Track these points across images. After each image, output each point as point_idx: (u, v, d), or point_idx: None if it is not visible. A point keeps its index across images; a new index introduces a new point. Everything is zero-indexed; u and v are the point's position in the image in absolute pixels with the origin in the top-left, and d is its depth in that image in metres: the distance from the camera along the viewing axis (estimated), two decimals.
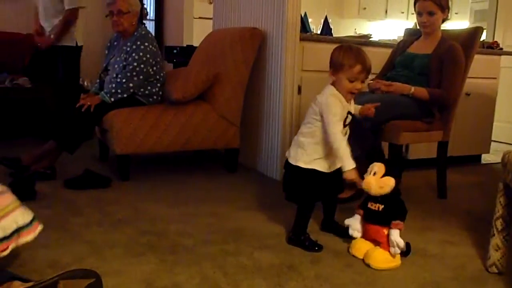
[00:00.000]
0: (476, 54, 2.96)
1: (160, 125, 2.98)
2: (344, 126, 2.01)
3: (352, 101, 2.08)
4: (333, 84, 2.01)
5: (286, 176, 2.11)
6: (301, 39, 3.08)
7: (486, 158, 4.13)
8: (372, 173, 1.92)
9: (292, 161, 2.04)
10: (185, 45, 4.72)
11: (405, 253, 1.93)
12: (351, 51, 1.96)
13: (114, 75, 3.07)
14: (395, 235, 1.85)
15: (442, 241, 2.19)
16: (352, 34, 5.30)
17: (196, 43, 4.31)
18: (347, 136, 2.05)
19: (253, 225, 2.26)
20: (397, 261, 1.89)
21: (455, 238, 2.23)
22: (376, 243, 1.92)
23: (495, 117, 4.13)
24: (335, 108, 1.96)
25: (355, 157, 2.43)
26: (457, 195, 2.99)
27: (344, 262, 1.90)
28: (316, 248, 2.00)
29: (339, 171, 2.03)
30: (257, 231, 2.18)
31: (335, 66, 1.98)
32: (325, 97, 1.99)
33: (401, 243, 1.85)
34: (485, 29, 5.16)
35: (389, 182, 1.90)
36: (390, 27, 7.28)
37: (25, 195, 2.44)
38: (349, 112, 2.03)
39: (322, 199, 2.18)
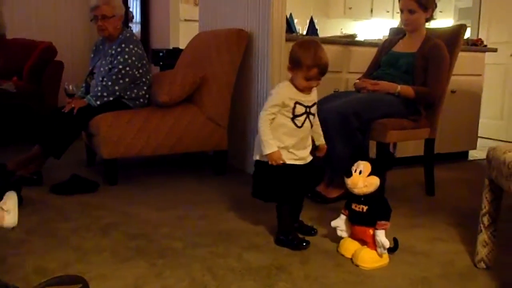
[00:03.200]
0: (461, 52, 2.99)
1: (147, 129, 2.96)
2: (294, 117, 2.00)
3: (314, 91, 2.06)
4: (291, 78, 2.02)
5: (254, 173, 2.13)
6: (287, 40, 3.08)
7: (473, 155, 4.16)
8: (358, 171, 1.92)
9: (254, 157, 2.08)
10: (171, 48, 4.70)
11: (392, 249, 1.94)
12: (309, 51, 1.94)
13: (100, 79, 3.05)
14: (381, 235, 1.85)
15: (431, 238, 2.20)
16: (338, 34, 5.31)
17: (182, 45, 4.29)
18: (304, 128, 2.03)
19: (242, 227, 2.25)
20: (385, 259, 1.89)
21: (443, 234, 2.24)
22: (364, 242, 1.92)
23: (481, 114, 4.17)
24: (274, 97, 1.99)
25: (343, 157, 2.45)
26: (445, 191, 3.01)
27: (334, 262, 1.90)
28: (304, 244, 2.01)
29: (307, 166, 2.05)
30: (246, 233, 2.18)
31: (293, 63, 1.97)
32: (276, 86, 2.05)
33: (387, 243, 1.85)
34: (469, 26, 5.21)
35: (374, 181, 1.90)
36: (376, 26, 7.31)
37: None
38: (300, 104, 2.00)
39: (289, 193, 2.07)
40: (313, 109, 2.06)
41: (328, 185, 2.72)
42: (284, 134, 2.00)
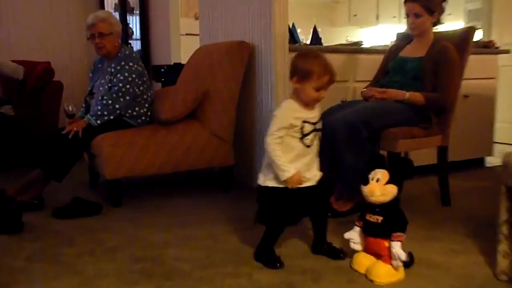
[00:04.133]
0: (472, 55, 2.99)
1: (150, 147, 2.98)
2: (303, 136, 1.98)
3: (317, 107, 2.05)
4: (294, 93, 2.00)
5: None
6: (291, 50, 3.10)
7: (489, 161, 4.14)
8: (375, 179, 1.91)
9: (261, 182, 2.05)
10: (172, 63, 4.74)
11: (408, 264, 1.93)
12: (317, 59, 1.94)
13: (100, 98, 3.08)
14: (397, 247, 1.84)
15: (448, 250, 2.19)
16: (343, 42, 5.33)
17: (184, 60, 4.32)
18: (313, 147, 2.03)
19: (251, 245, 2.24)
20: (401, 274, 1.88)
21: (461, 246, 2.23)
22: (378, 256, 1.91)
23: (497, 118, 4.15)
24: (279, 119, 1.96)
25: (353, 168, 2.45)
26: (461, 201, 2.99)
27: (347, 278, 1.90)
28: (278, 264, 1.99)
29: (314, 188, 2.03)
30: None
31: (302, 74, 1.94)
32: (276, 109, 2.02)
33: (403, 255, 1.84)
34: (480, 28, 5.21)
35: (392, 190, 1.90)
36: (383, 32, 7.33)
37: (11, 228, 2.46)
38: (308, 122, 1.99)
39: (290, 220, 2.06)
40: (319, 125, 2.05)
41: (338, 198, 2.71)
42: (295, 157, 1.97)
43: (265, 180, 2.01)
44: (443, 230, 2.46)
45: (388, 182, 1.91)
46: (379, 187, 1.89)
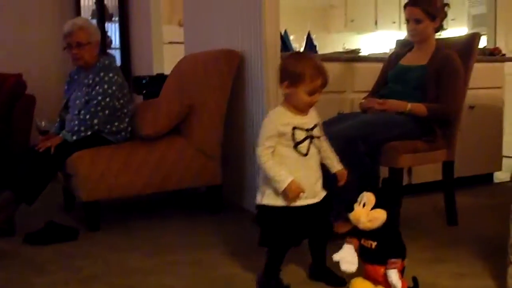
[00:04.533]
0: (477, 63, 3.03)
1: (131, 165, 2.98)
2: (296, 144, 1.97)
3: (313, 111, 2.05)
4: (285, 98, 2.00)
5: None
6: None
7: (498, 177, 4.16)
8: (361, 204, 1.92)
9: (260, 201, 2.04)
10: (155, 74, 4.75)
11: None
12: (309, 61, 1.96)
13: (76, 112, 3.08)
14: (393, 275, 1.82)
15: (455, 273, 2.19)
16: (340, 49, 5.38)
17: (167, 71, 4.33)
18: (312, 157, 2.02)
19: (241, 273, 2.23)
20: None
21: (469, 269, 2.24)
22: (376, 282, 1.91)
23: (505, 130, 4.18)
24: (266, 128, 1.97)
25: (351, 186, 2.45)
26: (469, 220, 3.01)
27: None
28: None
29: (317, 206, 2.03)
30: (245, 279, 2.16)
31: (293, 78, 1.94)
32: (264, 119, 2.02)
33: (399, 284, 1.81)
34: (485, 34, 5.28)
35: (379, 215, 1.88)
36: (382, 39, 7.41)
37: None
38: (299, 128, 1.98)
39: (292, 241, 2.05)
40: (316, 132, 2.04)
41: (336, 219, 2.71)
42: (289, 168, 1.96)
43: (263, 198, 2.00)
44: (449, 252, 2.47)
45: (375, 207, 1.90)
46: (365, 213, 1.89)
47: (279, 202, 1.97)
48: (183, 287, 2.09)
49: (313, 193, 2.03)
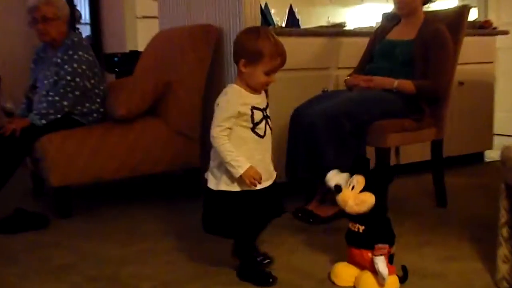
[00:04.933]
0: (467, 37, 3.05)
1: (104, 148, 2.96)
2: (255, 125, 1.95)
3: (263, 93, 2.03)
4: (239, 77, 1.97)
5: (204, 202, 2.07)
6: None
7: (489, 155, 4.22)
8: (350, 186, 1.94)
9: (208, 184, 2.02)
10: (128, 51, 4.71)
11: (402, 279, 1.94)
12: (268, 39, 1.91)
13: (44, 93, 3.04)
14: (379, 262, 1.85)
15: (444, 257, 2.23)
16: (324, 23, 5.35)
17: (141, 47, 4.30)
18: (267, 138, 2.00)
19: (221, 260, 2.24)
20: (395, 283, 1.90)
21: (458, 252, 2.28)
22: (362, 267, 1.93)
23: (496, 107, 4.23)
24: (225, 108, 1.92)
25: (336, 167, 2.47)
26: (459, 201, 3.05)
27: None
28: (271, 280, 1.99)
29: (272, 187, 2.02)
30: (225, 267, 2.16)
31: (251, 56, 1.90)
32: (219, 96, 1.98)
33: (385, 271, 1.84)
34: (475, 7, 5.30)
35: (368, 199, 1.91)
36: (368, 12, 7.39)
37: None
38: (257, 108, 1.97)
39: (254, 226, 2.06)
40: (268, 112, 2.03)
41: (321, 202, 2.74)
42: (248, 151, 1.94)
43: (219, 183, 1.97)
44: (438, 234, 2.51)
45: (364, 189, 1.92)
46: (353, 196, 1.91)
47: (236, 187, 1.95)
48: (161, 277, 2.09)
49: (269, 175, 2.03)
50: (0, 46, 5.18)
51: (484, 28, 4.07)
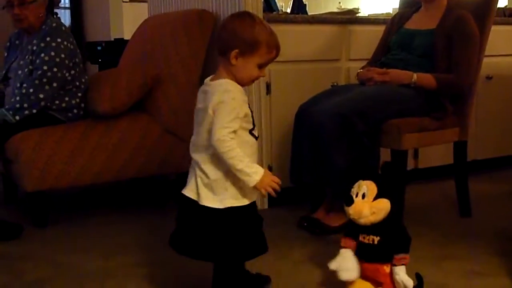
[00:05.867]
0: (495, 26, 3.05)
1: (84, 149, 2.96)
2: (254, 127, 1.89)
3: None
4: (227, 70, 1.86)
5: (192, 223, 1.92)
6: (266, 21, 3.11)
7: None
8: (360, 195, 1.94)
9: (207, 202, 1.84)
10: (113, 39, 4.73)
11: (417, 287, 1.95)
12: (264, 27, 1.85)
13: (18, 85, 3.05)
14: (401, 273, 1.85)
15: (467, 272, 2.24)
16: (334, 9, 5.36)
17: (127, 35, 4.32)
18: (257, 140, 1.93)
19: (210, 275, 2.25)
20: None
21: (484, 267, 2.28)
22: (377, 283, 1.93)
23: None
24: (233, 106, 1.79)
25: (346, 172, 2.47)
26: (485, 210, 3.06)
27: None
28: None
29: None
30: None
31: (247, 46, 1.81)
32: (221, 93, 1.81)
33: (410, 282, 1.85)
34: None
35: (384, 205, 1.91)
36: None
37: None
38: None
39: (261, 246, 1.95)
40: None
41: (328, 211, 2.74)
42: (251, 157, 1.85)
43: (223, 199, 1.83)
44: (461, 247, 2.51)
45: (377, 196, 1.92)
46: (368, 205, 1.90)
47: (245, 200, 1.87)
48: None
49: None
50: None
51: None
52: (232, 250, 1.87)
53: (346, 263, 1.98)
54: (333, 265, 1.99)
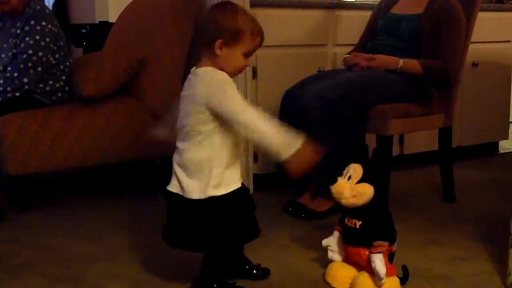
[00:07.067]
0: (482, 11, 3.07)
1: (69, 132, 2.96)
2: None
3: None
4: (212, 60, 1.86)
5: (180, 216, 1.96)
6: (252, 5, 3.11)
7: (504, 146, 4.26)
8: (346, 176, 1.96)
9: (191, 194, 1.88)
10: (97, 22, 4.69)
11: (402, 279, 1.97)
12: (246, 15, 1.87)
13: (1, 68, 3.03)
14: (377, 261, 1.86)
15: (451, 257, 2.27)
16: None
17: (112, 18, 4.28)
18: None
19: (199, 257, 2.26)
20: (395, 285, 1.93)
21: (467, 252, 2.31)
22: (360, 267, 1.96)
23: None
24: (234, 88, 1.84)
25: (332, 156, 2.49)
26: (469, 196, 3.09)
27: None
28: None
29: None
30: None
31: (232, 35, 1.82)
32: (210, 79, 1.84)
33: (383, 271, 1.86)
34: None
35: (366, 190, 1.93)
36: None
37: None
38: None
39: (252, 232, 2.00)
40: None
41: (314, 196, 2.76)
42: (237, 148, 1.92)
43: (207, 189, 1.86)
44: (445, 232, 2.55)
45: (361, 181, 1.94)
46: (350, 187, 1.93)
47: (228, 188, 1.90)
48: (132, 276, 2.11)
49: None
50: None
51: (501, 2, 4.08)
52: (222, 238, 1.90)
53: (334, 245, 2.05)
54: (325, 241, 2.07)
